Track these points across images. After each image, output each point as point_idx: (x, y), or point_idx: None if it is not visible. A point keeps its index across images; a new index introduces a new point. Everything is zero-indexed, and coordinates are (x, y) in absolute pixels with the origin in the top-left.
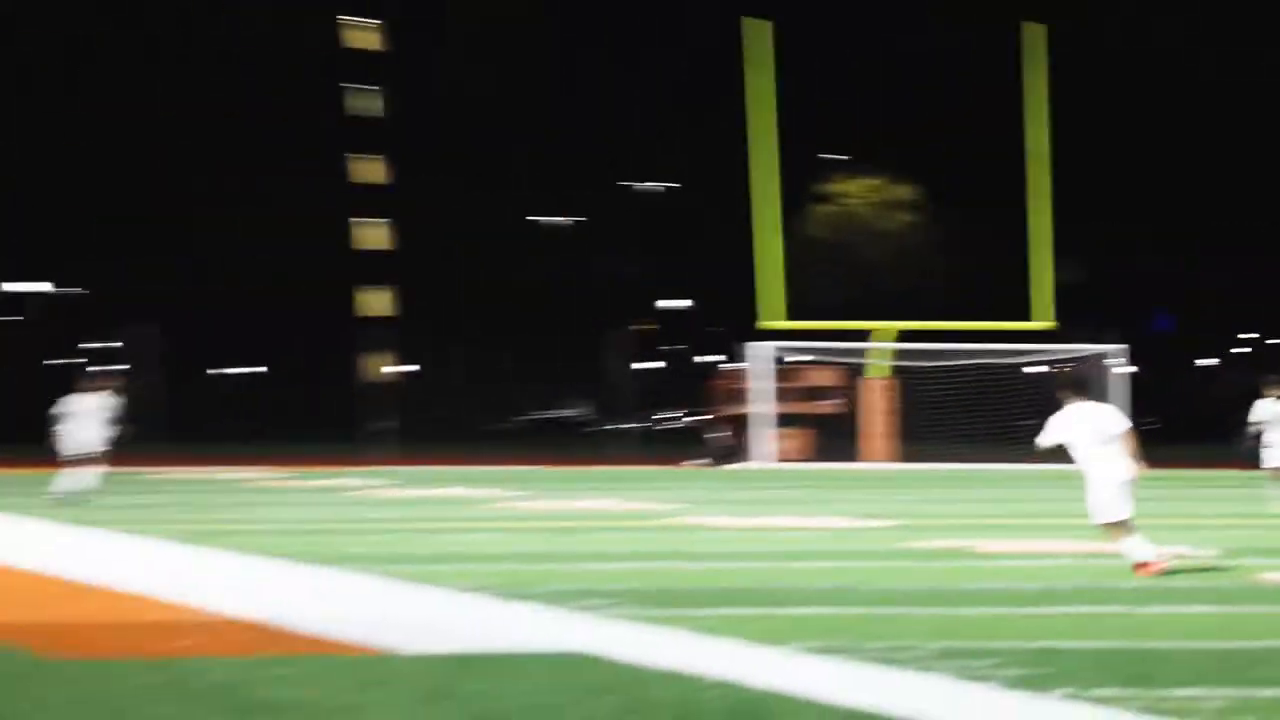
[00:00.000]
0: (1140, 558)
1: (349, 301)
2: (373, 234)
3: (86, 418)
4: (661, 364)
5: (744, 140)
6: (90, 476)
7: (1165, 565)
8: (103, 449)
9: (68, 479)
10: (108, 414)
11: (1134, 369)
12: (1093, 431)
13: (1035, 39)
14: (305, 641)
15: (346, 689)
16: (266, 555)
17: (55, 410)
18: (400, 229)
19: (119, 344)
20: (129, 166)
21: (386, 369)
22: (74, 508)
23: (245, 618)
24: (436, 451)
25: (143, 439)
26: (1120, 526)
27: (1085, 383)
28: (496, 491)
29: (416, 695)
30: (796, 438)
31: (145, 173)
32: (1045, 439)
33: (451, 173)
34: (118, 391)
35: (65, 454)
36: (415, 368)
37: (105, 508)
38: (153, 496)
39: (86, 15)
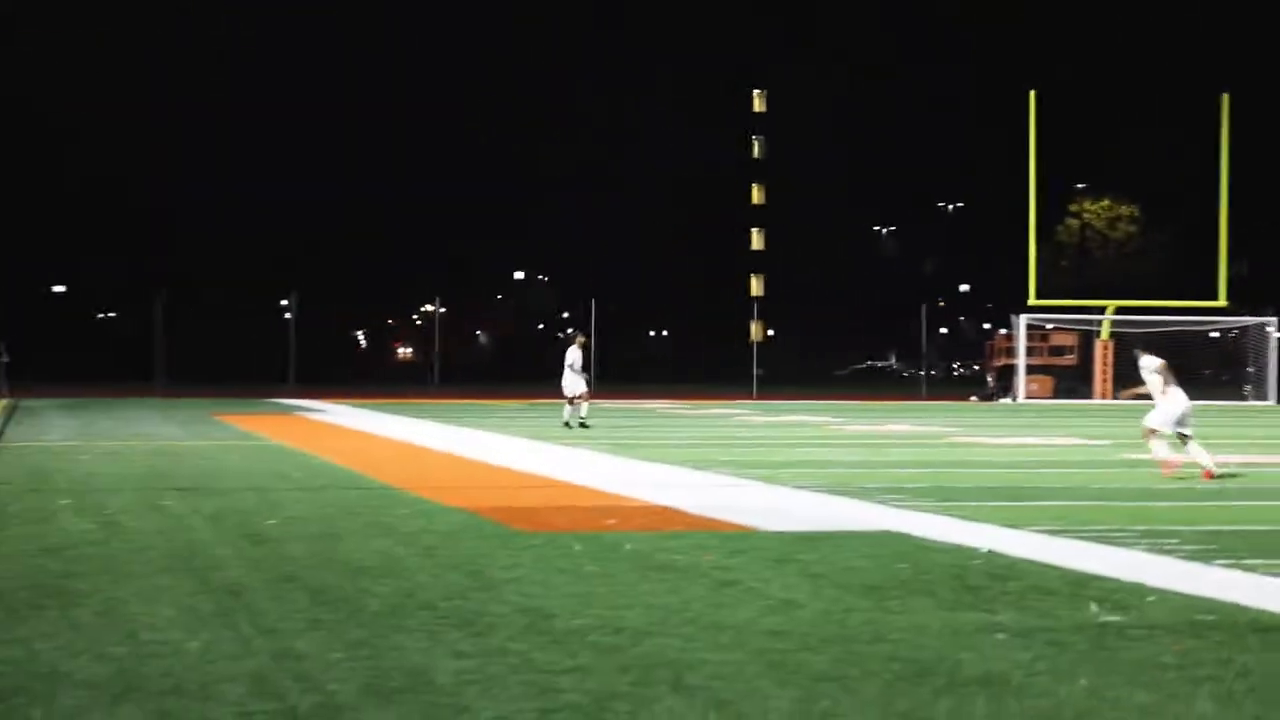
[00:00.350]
0: (1164, 456)
1: (742, 285)
2: (756, 238)
3: (571, 367)
4: (947, 330)
5: (1022, 175)
6: (574, 409)
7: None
8: (579, 391)
9: (569, 410)
10: (576, 364)
11: None
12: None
13: (1231, 106)
14: (693, 521)
15: (720, 555)
16: (666, 462)
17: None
18: (770, 235)
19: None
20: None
21: (758, 333)
22: (567, 429)
23: (652, 504)
24: (791, 390)
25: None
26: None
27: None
28: (828, 418)
29: (768, 560)
30: (1042, 382)
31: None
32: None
33: (811, 194)
34: (583, 347)
35: (566, 393)
36: (771, 332)
37: (562, 428)
38: (592, 420)
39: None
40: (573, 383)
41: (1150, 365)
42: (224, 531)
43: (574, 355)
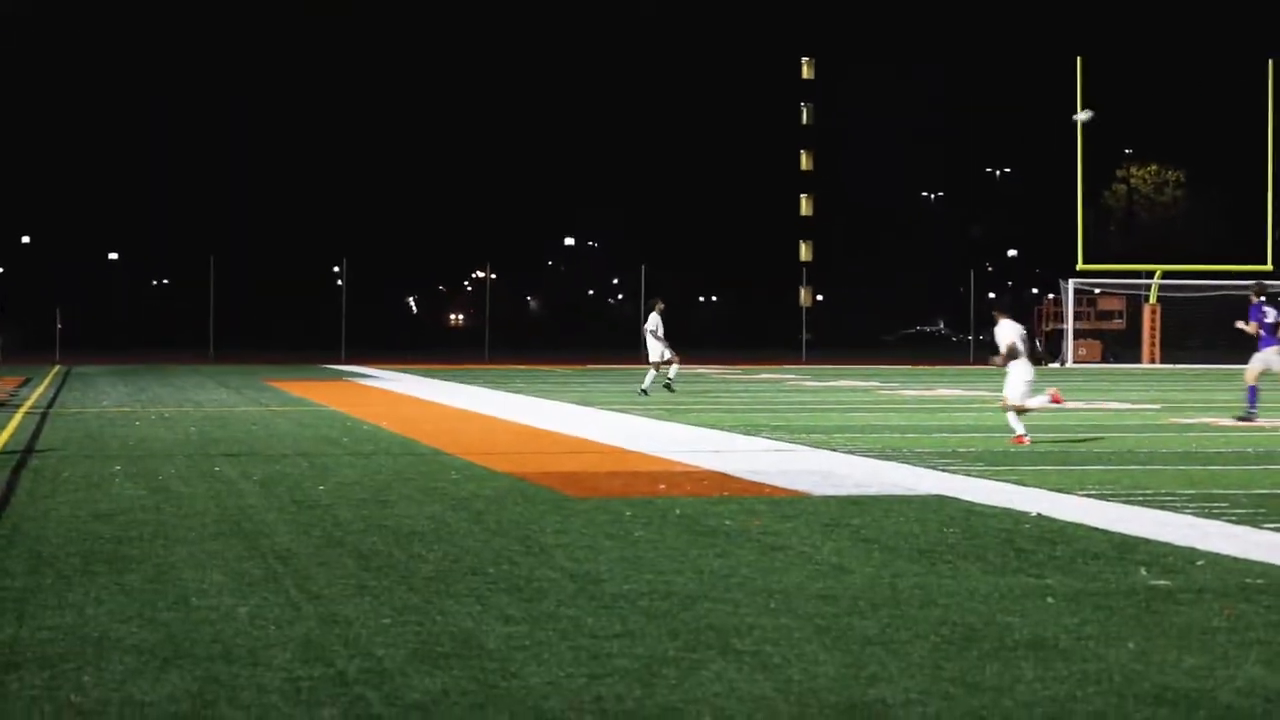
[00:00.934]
0: (1019, 432)
1: (792, 251)
2: (805, 204)
3: (651, 333)
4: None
5: (1071, 143)
6: (656, 375)
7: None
8: (664, 355)
9: (650, 377)
10: (658, 330)
11: None
12: (1021, 339)
13: (1276, 71)
14: (743, 486)
15: (771, 519)
16: (717, 427)
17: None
18: (820, 203)
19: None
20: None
21: (807, 299)
22: (644, 396)
23: (702, 469)
24: (840, 355)
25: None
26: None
27: (1010, 305)
28: (876, 384)
29: (819, 524)
30: (1090, 347)
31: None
32: (1004, 343)
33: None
34: (661, 313)
35: (651, 360)
36: (820, 297)
37: (614, 393)
38: (637, 384)
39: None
40: (654, 348)
41: (1014, 332)
42: (274, 497)
43: (654, 321)
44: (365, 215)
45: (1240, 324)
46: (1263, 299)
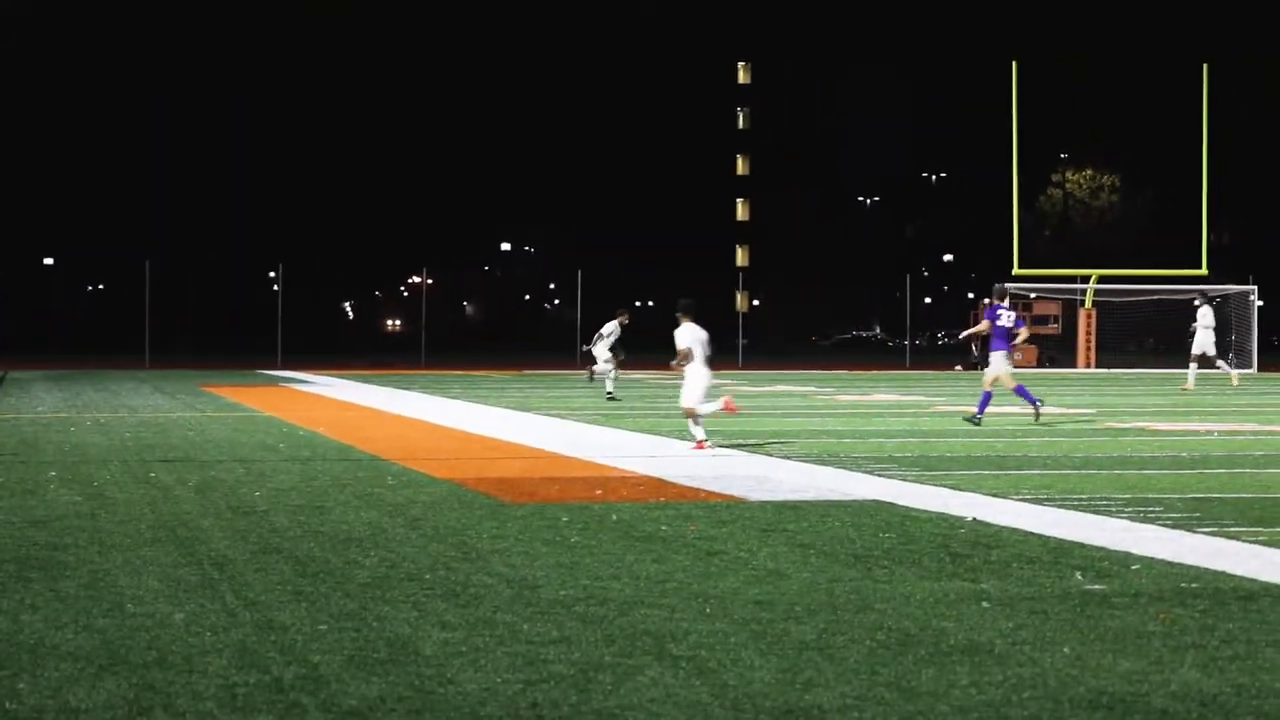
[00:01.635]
0: (699, 438)
1: (727, 255)
2: (741, 209)
3: (605, 336)
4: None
5: (1004, 145)
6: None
7: (711, 447)
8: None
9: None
10: (614, 338)
11: (1261, 303)
12: (700, 344)
13: (1210, 76)
14: (679, 491)
15: (707, 525)
16: (653, 433)
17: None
18: (754, 206)
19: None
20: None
21: (743, 303)
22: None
23: (638, 474)
24: (776, 360)
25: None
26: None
27: (695, 308)
28: (813, 389)
29: (755, 530)
30: (1026, 351)
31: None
32: (681, 346)
33: (794, 167)
34: (622, 323)
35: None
36: (756, 302)
37: (551, 398)
38: (573, 389)
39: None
40: (601, 352)
41: (693, 336)
42: (210, 503)
43: (612, 328)
44: (301, 220)
45: (965, 332)
46: (1003, 303)
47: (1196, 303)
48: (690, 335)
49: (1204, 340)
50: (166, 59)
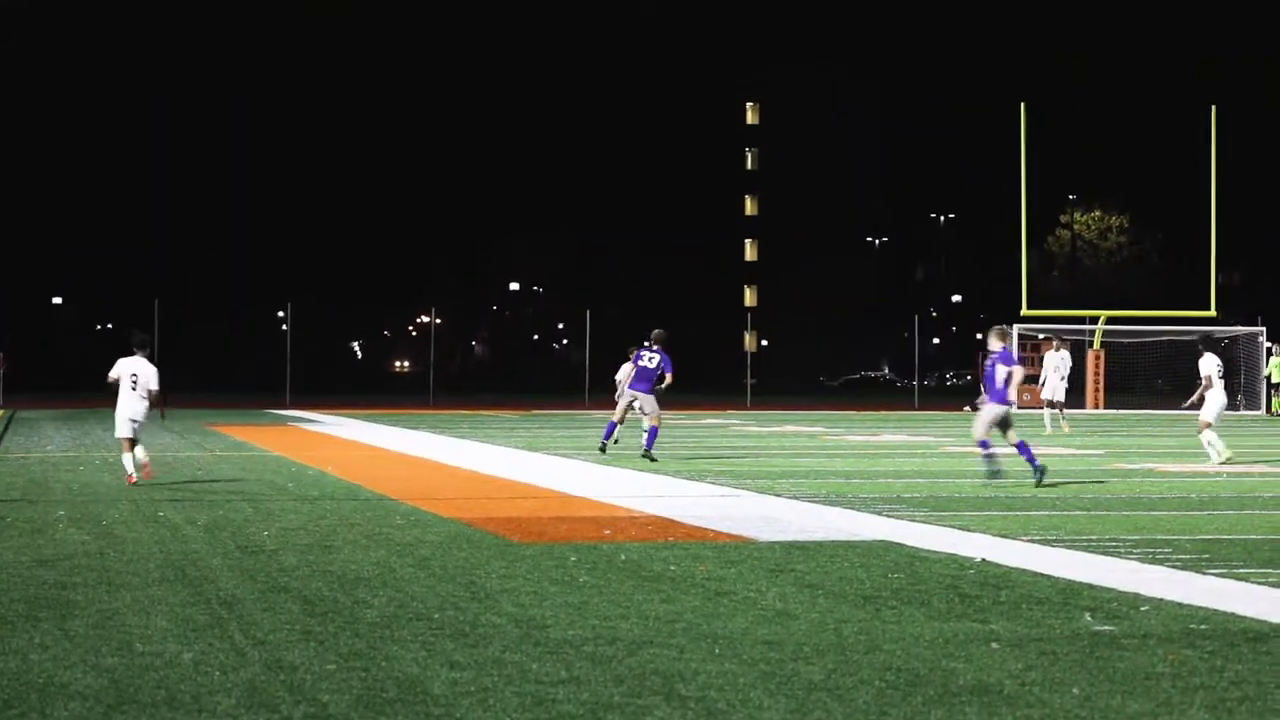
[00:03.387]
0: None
1: (736, 295)
2: (750, 250)
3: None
4: (938, 340)
5: (1014, 189)
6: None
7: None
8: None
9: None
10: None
11: (1270, 345)
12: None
13: (1219, 118)
14: (687, 531)
15: (715, 565)
16: (661, 473)
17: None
18: (763, 246)
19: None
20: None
21: (751, 343)
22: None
23: (647, 514)
24: (784, 400)
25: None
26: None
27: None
28: (821, 429)
29: (763, 570)
30: (1034, 392)
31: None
32: None
33: (804, 205)
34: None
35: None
36: (764, 342)
37: (559, 438)
38: (582, 429)
39: None
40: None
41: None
42: (218, 542)
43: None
44: (310, 260)
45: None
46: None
47: (1055, 346)
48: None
49: (1055, 385)
50: (175, 95)
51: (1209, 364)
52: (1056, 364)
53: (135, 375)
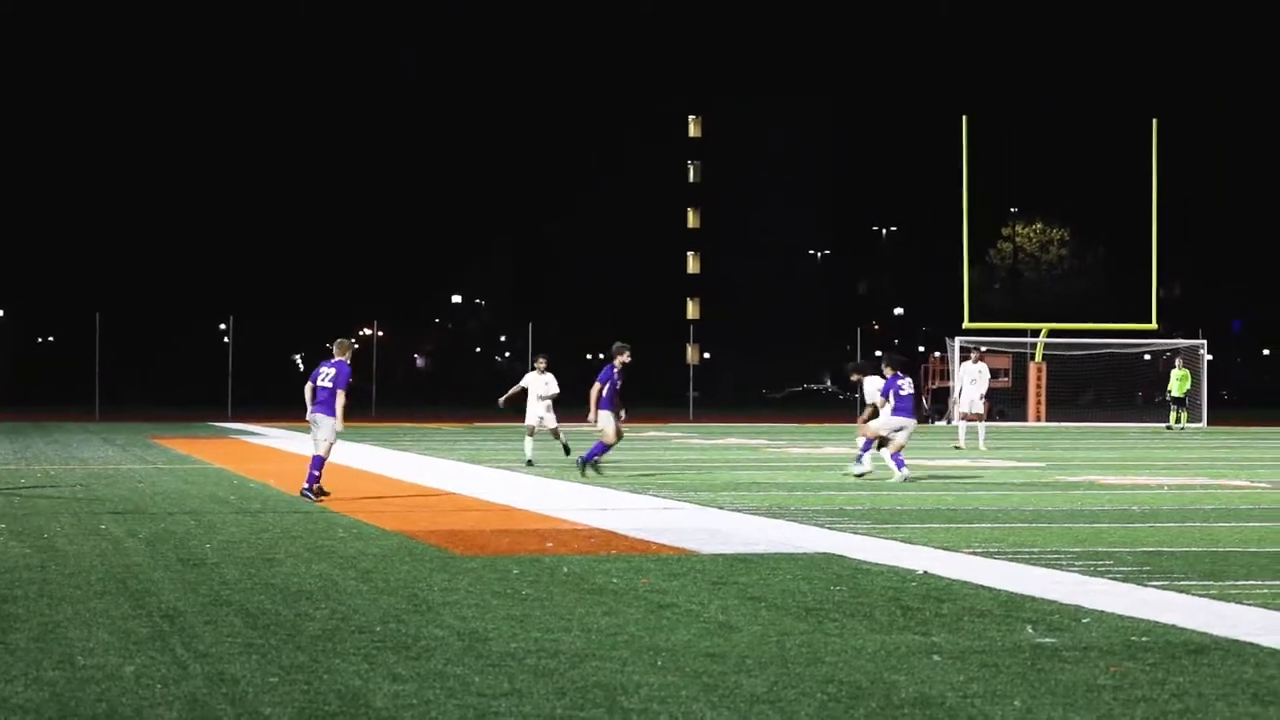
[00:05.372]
0: None
1: (678, 308)
2: (692, 262)
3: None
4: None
5: (954, 198)
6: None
7: None
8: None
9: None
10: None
11: (1210, 357)
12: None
13: (1160, 131)
14: (630, 544)
15: (658, 577)
16: (604, 485)
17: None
18: (705, 259)
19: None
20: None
21: (694, 356)
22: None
23: (589, 527)
24: (726, 413)
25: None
26: None
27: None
28: (764, 441)
29: (706, 582)
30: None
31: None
32: None
33: (746, 218)
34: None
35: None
36: (707, 355)
37: (502, 451)
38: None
39: None
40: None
41: None
42: (160, 555)
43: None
44: (251, 273)
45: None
46: (898, 373)
47: (974, 358)
48: None
49: (971, 398)
50: (115, 104)
51: (872, 386)
52: (974, 376)
53: None
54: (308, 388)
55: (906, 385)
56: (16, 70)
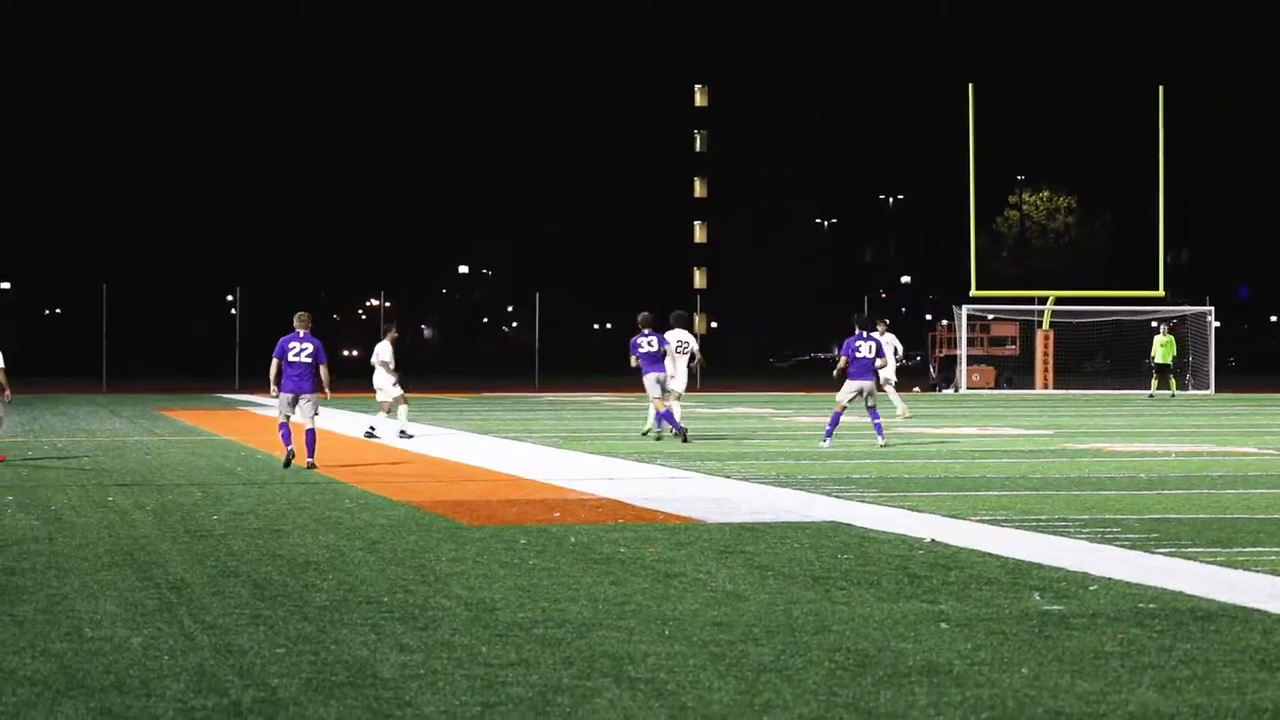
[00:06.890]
0: None
1: (685, 278)
2: (699, 231)
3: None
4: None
5: (961, 167)
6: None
7: None
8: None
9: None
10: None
11: (1218, 324)
12: None
13: (1167, 98)
14: (637, 513)
15: (665, 547)
16: (611, 455)
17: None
18: (712, 229)
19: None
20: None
21: (700, 326)
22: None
23: (596, 497)
24: (733, 381)
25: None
26: None
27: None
28: (770, 410)
29: (713, 551)
30: (983, 372)
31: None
32: None
33: (753, 187)
34: (394, 343)
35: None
36: (714, 324)
37: (509, 421)
38: (532, 411)
39: None
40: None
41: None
42: (167, 527)
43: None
44: (259, 244)
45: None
46: (862, 333)
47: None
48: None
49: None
50: (122, 79)
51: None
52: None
53: None
54: (275, 364)
55: (865, 348)
56: (24, 46)
